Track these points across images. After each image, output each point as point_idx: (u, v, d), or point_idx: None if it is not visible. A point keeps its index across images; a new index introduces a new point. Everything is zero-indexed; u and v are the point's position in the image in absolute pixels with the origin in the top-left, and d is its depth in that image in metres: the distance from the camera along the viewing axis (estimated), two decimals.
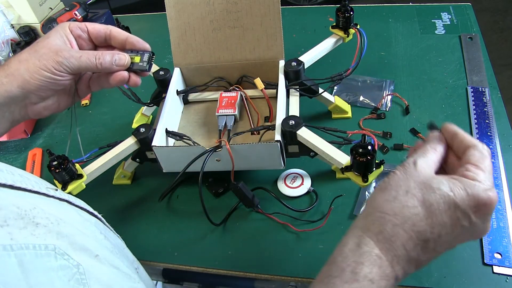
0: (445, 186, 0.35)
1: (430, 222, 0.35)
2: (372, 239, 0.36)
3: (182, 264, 0.59)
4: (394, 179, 0.37)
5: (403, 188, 0.36)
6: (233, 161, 0.57)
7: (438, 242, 0.35)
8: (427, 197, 0.35)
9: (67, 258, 0.31)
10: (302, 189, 0.62)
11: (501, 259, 0.52)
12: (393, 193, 0.37)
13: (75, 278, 0.30)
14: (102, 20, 1.03)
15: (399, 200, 0.36)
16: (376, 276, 0.34)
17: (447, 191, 0.35)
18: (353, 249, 0.36)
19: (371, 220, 0.37)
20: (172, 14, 0.67)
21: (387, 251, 0.35)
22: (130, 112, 0.79)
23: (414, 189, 0.36)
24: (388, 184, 0.38)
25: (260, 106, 0.68)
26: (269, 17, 0.65)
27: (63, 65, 0.49)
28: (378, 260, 0.35)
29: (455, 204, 0.35)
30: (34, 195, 0.36)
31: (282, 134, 0.57)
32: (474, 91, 0.72)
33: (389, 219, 0.36)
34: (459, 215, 0.35)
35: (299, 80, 0.65)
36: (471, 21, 0.88)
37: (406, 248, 0.35)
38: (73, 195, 0.56)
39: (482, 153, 0.37)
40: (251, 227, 0.61)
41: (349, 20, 0.67)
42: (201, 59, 0.69)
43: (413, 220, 0.35)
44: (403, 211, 0.35)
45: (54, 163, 0.54)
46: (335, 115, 0.72)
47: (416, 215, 0.35)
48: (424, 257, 0.36)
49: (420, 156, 0.38)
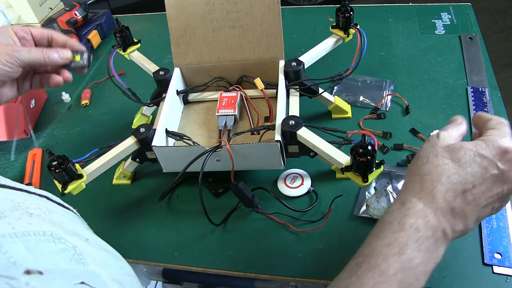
0: (467, 144, 0.40)
1: (462, 173, 0.38)
2: (415, 197, 0.39)
3: (182, 264, 0.59)
4: (423, 150, 0.42)
5: (432, 153, 0.41)
6: (233, 161, 0.58)
7: (476, 193, 0.38)
8: (455, 155, 0.39)
9: (64, 241, 0.34)
10: (302, 189, 0.62)
11: (501, 259, 0.52)
12: (424, 159, 0.41)
13: (74, 259, 0.33)
14: (102, 20, 1.04)
15: (431, 161, 0.40)
16: (421, 226, 0.37)
17: (470, 147, 0.39)
18: (398, 207, 0.40)
19: (411, 183, 0.41)
20: (172, 14, 0.67)
21: (430, 204, 0.38)
22: (130, 112, 0.79)
23: (441, 152, 0.40)
24: (419, 155, 0.42)
25: (260, 106, 0.68)
26: (269, 17, 0.65)
27: (14, 57, 0.53)
28: (422, 212, 0.38)
29: (481, 155, 0.39)
30: (18, 192, 0.39)
31: (282, 134, 0.57)
32: (474, 91, 0.72)
33: (426, 178, 0.39)
34: (486, 164, 0.38)
35: (299, 80, 0.65)
36: (471, 21, 0.88)
37: (447, 199, 0.38)
38: (73, 194, 0.57)
39: (499, 121, 0.42)
40: (251, 227, 0.61)
41: (349, 20, 0.67)
42: (201, 59, 0.69)
43: (447, 174, 0.39)
44: (437, 168, 0.39)
45: (54, 163, 0.54)
46: (335, 115, 0.72)
47: (448, 170, 0.39)
48: (467, 208, 0.38)
49: (443, 130, 0.43)
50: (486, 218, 0.43)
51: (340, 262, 0.54)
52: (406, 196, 0.40)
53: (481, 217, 0.40)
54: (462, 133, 0.44)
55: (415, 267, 0.37)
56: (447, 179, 0.39)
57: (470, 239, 0.54)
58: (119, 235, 0.63)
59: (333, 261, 0.55)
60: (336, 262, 0.55)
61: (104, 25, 1.04)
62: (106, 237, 0.63)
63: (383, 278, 0.36)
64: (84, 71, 0.62)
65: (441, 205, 0.38)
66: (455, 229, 0.39)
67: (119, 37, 0.72)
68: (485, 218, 0.42)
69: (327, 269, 0.54)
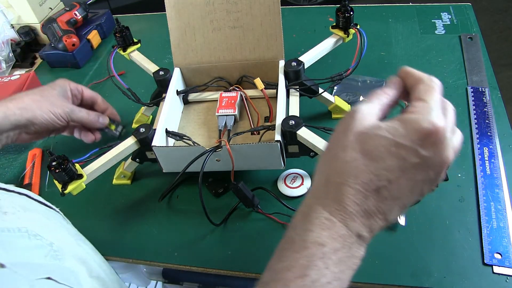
0: (382, 131, 0.34)
1: (374, 169, 0.33)
2: (320, 204, 0.34)
3: (182, 264, 0.59)
4: (334, 136, 0.37)
5: (341, 144, 0.35)
6: (233, 161, 0.58)
7: (393, 188, 0.33)
8: (366, 147, 0.34)
9: (40, 238, 0.35)
10: (302, 189, 0.62)
11: (501, 259, 0.52)
12: (333, 152, 0.36)
13: (50, 255, 0.34)
14: (102, 20, 1.04)
15: (339, 157, 0.35)
16: (327, 239, 0.33)
17: (384, 135, 0.34)
18: (301, 219, 0.35)
19: (317, 186, 0.36)
20: (172, 14, 0.67)
21: (336, 211, 0.34)
22: (130, 112, 0.79)
23: (352, 142, 0.35)
24: (329, 142, 0.37)
25: (260, 106, 0.68)
26: (269, 17, 0.65)
27: (67, 114, 0.64)
28: (327, 222, 0.33)
29: (396, 144, 0.33)
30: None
31: (282, 134, 0.57)
32: (474, 91, 0.72)
33: (333, 180, 0.34)
34: (403, 154, 0.33)
35: (299, 80, 0.65)
36: (471, 21, 0.88)
37: (357, 202, 0.33)
38: (73, 194, 0.57)
39: (428, 86, 0.36)
40: (251, 227, 0.61)
41: (349, 20, 0.67)
42: (201, 59, 0.69)
43: (355, 173, 0.34)
44: (344, 167, 0.34)
45: (54, 163, 0.54)
46: (335, 115, 0.72)
47: (356, 168, 0.34)
48: (385, 206, 0.34)
49: (364, 103, 0.37)
50: (418, 201, 0.36)
51: None
52: (310, 203, 0.35)
53: (407, 205, 0.35)
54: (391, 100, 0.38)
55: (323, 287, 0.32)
56: (355, 179, 0.33)
57: (470, 239, 0.54)
58: (119, 235, 0.63)
59: None
60: None
61: (104, 25, 1.04)
62: (106, 237, 0.63)
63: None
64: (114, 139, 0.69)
65: (350, 210, 0.33)
66: (373, 228, 0.34)
67: (119, 37, 0.72)
68: (416, 202, 0.36)
69: None
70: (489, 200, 0.57)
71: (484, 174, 0.60)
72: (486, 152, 0.63)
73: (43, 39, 1.05)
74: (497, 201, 0.57)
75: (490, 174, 0.60)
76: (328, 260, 0.32)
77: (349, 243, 0.33)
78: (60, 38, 0.92)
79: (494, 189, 0.58)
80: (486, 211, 0.56)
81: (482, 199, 0.58)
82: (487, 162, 0.62)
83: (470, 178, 0.61)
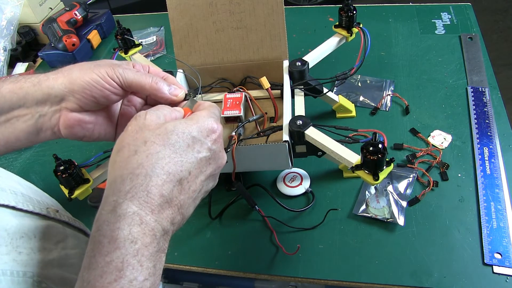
0: (182, 125, 0.37)
1: (178, 161, 0.36)
2: (127, 199, 0.33)
3: (182, 264, 0.59)
4: (127, 136, 0.36)
5: (140, 140, 0.35)
6: (235, 162, 0.57)
7: (192, 180, 0.36)
8: (168, 140, 0.36)
9: (45, 286, 0.33)
10: (300, 189, 0.62)
11: (501, 259, 0.52)
12: (132, 147, 0.35)
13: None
14: (102, 20, 1.03)
15: (141, 151, 0.35)
16: (138, 235, 0.32)
17: (184, 129, 0.37)
18: (107, 218, 0.32)
19: (120, 181, 0.34)
20: (174, 16, 0.67)
21: (145, 204, 0.33)
22: None
23: (151, 137, 0.35)
24: (122, 142, 0.36)
25: (264, 107, 0.67)
26: (272, 18, 0.65)
27: (117, 73, 0.43)
28: (136, 217, 0.32)
29: (193, 138, 0.37)
30: (34, 217, 0.38)
31: (290, 134, 0.57)
32: (474, 91, 0.72)
33: (138, 172, 0.34)
34: (198, 148, 0.37)
35: (304, 80, 0.64)
36: (471, 21, 0.88)
37: (164, 193, 0.34)
38: (80, 199, 0.56)
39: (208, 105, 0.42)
40: (251, 227, 0.61)
41: (352, 19, 0.67)
42: (204, 60, 0.69)
43: (161, 164, 0.34)
44: (149, 158, 0.34)
45: (61, 168, 0.53)
46: (340, 115, 0.72)
47: (162, 159, 0.35)
48: (183, 197, 0.36)
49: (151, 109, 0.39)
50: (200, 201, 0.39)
51: (340, 262, 0.55)
52: (116, 199, 0.33)
53: (196, 202, 0.38)
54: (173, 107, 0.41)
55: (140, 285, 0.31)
56: (162, 170, 0.34)
57: (470, 239, 0.54)
58: None
59: (333, 261, 0.55)
60: (336, 261, 0.55)
61: (104, 25, 1.04)
62: None
63: None
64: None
65: (158, 201, 0.33)
66: (175, 221, 0.35)
67: (121, 40, 0.72)
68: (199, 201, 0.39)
69: (327, 269, 0.54)
70: (489, 200, 0.57)
71: (484, 174, 0.61)
72: (486, 152, 0.63)
73: (43, 39, 1.04)
74: (497, 201, 0.57)
75: (490, 174, 0.60)
76: (142, 256, 0.31)
77: (158, 236, 0.33)
78: (60, 38, 0.92)
79: (494, 189, 0.58)
80: (486, 211, 0.56)
81: (482, 199, 0.58)
82: (487, 162, 0.62)
83: (470, 178, 0.61)
